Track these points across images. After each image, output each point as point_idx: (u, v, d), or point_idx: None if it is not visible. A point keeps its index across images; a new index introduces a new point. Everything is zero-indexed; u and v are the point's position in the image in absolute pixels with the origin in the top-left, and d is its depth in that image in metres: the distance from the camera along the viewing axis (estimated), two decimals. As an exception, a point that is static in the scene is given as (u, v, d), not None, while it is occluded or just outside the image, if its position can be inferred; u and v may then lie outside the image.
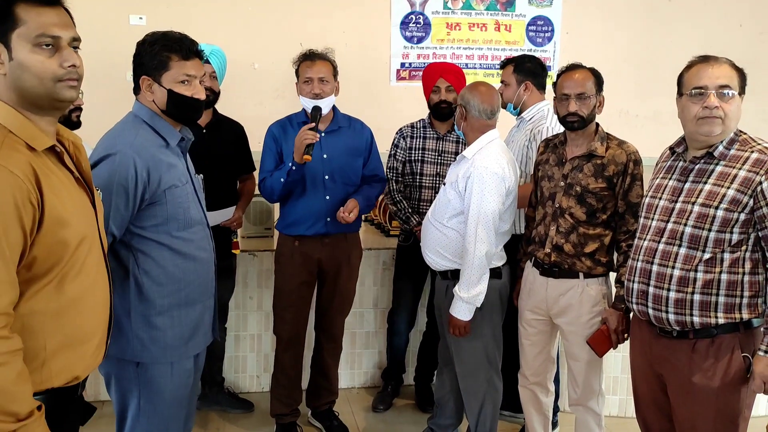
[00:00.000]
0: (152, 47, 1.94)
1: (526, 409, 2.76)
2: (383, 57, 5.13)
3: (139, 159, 1.88)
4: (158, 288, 1.95)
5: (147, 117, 1.99)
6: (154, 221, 1.93)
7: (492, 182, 2.47)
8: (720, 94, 1.96)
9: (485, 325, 2.63)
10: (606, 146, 2.46)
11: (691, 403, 2.06)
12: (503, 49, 5.81)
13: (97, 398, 3.36)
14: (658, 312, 2.06)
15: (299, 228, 2.92)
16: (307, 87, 2.82)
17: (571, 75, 2.47)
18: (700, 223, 1.98)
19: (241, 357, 3.56)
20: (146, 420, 1.99)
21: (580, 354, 2.53)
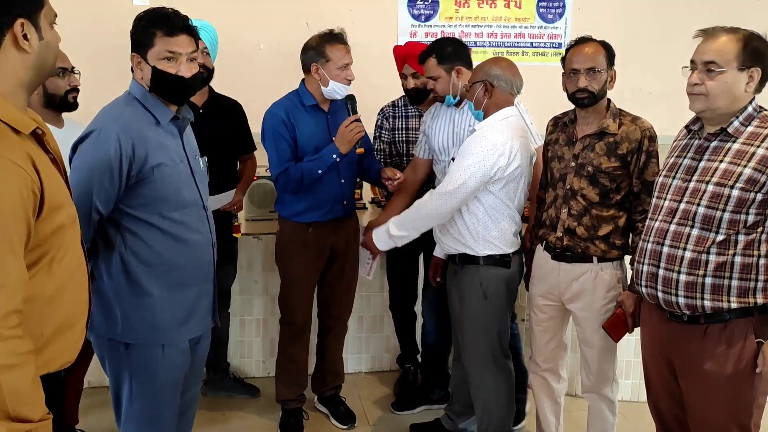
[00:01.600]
0: (139, 23, 1.91)
1: (537, 396, 2.69)
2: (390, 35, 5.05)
3: (124, 135, 1.83)
4: (146, 269, 1.91)
5: (139, 95, 1.95)
6: (143, 200, 1.88)
7: (482, 150, 2.38)
8: (706, 70, 1.89)
9: (490, 315, 2.55)
10: (619, 123, 2.36)
11: (702, 390, 1.99)
12: (513, 26, 5.70)
13: (101, 384, 3.34)
14: (668, 295, 1.98)
15: (315, 214, 2.83)
16: (344, 72, 2.69)
17: (581, 49, 2.37)
18: (714, 203, 1.89)
19: (246, 342, 3.52)
20: (139, 402, 1.96)
21: (593, 340, 2.46)
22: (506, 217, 2.50)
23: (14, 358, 1.26)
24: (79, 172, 1.82)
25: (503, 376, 2.63)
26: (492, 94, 2.49)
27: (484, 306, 2.52)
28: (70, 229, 1.45)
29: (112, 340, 1.93)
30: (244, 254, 3.36)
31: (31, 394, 1.29)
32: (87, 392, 2.99)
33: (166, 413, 2.03)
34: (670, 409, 2.16)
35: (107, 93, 2.56)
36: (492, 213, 2.49)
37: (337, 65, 2.69)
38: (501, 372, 2.62)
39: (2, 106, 1.33)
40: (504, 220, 2.50)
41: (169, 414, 2.04)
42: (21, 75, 1.37)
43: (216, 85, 3.13)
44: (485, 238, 2.51)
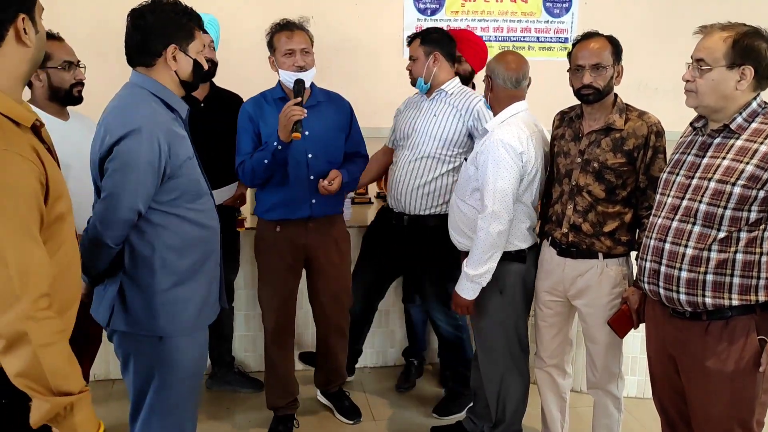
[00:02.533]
0: (179, 17, 1.91)
1: (542, 392, 2.69)
2: (396, 30, 5.03)
3: (161, 134, 1.84)
4: (180, 260, 1.94)
5: (155, 89, 1.93)
6: (172, 195, 1.90)
7: (506, 156, 2.34)
8: (697, 68, 1.90)
9: (505, 311, 2.54)
10: (625, 118, 2.35)
11: (704, 387, 1.99)
12: (519, 20, 5.68)
13: (107, 377, 3.36)
14: (669, 292, 1.98)
15: (281, 212, 2.74)
16: (289, 60, 2.63)
17: (586, 44, 2.35)
18: (716, 200, 1.88)
19: (251, 336, 3.52)
20: (167, 394, 1.98)
21: (599, 336, 2.45)
22: (520, 213, 2.47)
23: (50, 337, 1.34)
24: (122, 174, 1.81)
25: (518, 372, 2.62)
26: (492, 89, 2.48)
27: (501, 301, 2.51)
28: (68, 217, 1.49)
29: (142, 335, 1.93)
30: (248, 249, 3.35)
31: (69, 369, 1.37)
32: (92, 385, 3.00)
33: (189, 402, 2.06)
34: (674, 405, 2.16)
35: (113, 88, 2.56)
36: (521, 211, 2.47)
37: (282, 52, 2.65)
38: (516, 368, 2.61)
39: (4, 101, 1.36)
40: (517, 216, 2.46)
41: (193, 402, 2.09)
42: (21, 69, 1.41)
43: (219, 78, 3.13)
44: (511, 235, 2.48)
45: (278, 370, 2.94)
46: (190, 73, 1.97)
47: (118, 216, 1.82)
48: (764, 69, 1.87)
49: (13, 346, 1.31)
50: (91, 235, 1.84)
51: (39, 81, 2.42)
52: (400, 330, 3.62)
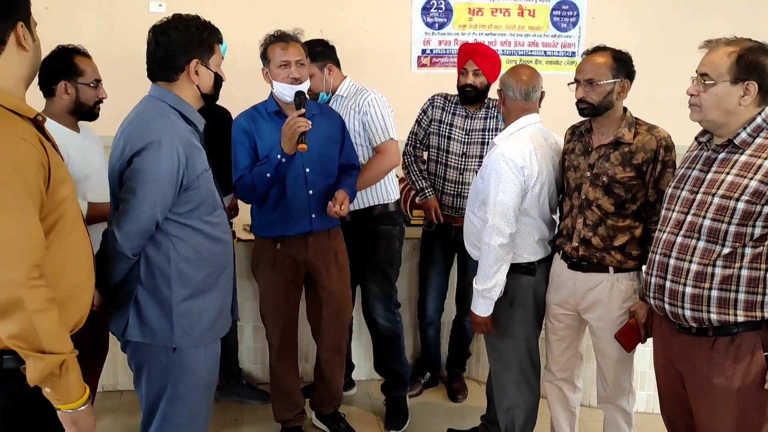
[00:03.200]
0: (200, 32, 1.97)
1: (552, 406, 2.69)
2: (404, 43, 5.06)
3: (180, 146, 1.88)
4: (196, 272, 1.96)
5: (174, 103, 1.97)
6: (189, 206, 1.93)
7: (507, 170, 2.36)
8: (701, 82, 1.92)
9: (516, 324, 2.54)
10: (634, 132, 2.36)
11: (710, 403, 1.98)
12: (526, 34, 5.71)
13: (115, 388, 3.36)
14: (674, 307, 1.98)
15: (281, 228, 2.72)
16: (284, 71, 2.60)
17: (587, 59, 2.38)
18: (720, 216, 1.88)
19: (260, 348, 3.53)
20: (180, 405, 1.99)
21: (609, 351, 2.45)
22: (527, 226, 2.48)
23: (42, 304, 1.44)
24: (142, 185, 1.84)
25: (528, 385, 2.62)
26: (504, 102, 2.51)
27: (511, 314, 2.51)
28: (74, 203, 1.61)
29: (157, 346, 1.95)
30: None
31: (59, 333, 1.48)
32: (101, 396, 3.01)
33: (202, 413, 2.08)
34: (683, 421, 2.15)
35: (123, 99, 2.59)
36: (530, 225, 2.49)
37: (276, 64, 2.62)
38: (526, 382, 2.61)
39: (7, 97, 1.51)
40: (524, 229, 2.47)
41: (205, 414, 2.10)
42: (22, 70, 1.56)
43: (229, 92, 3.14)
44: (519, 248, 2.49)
45: (283, 385, 2.94)
46: (212, 86, 2.02)
47: (138, 227, 1.85)
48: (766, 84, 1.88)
49: (7, 311, 1.41)
50: (110, 245, 1.86)
51: (67, 94, 2.46)
52: (408, 343, 3.61)
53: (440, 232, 3.33)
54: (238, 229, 3.44)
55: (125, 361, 3.30)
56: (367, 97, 3.03)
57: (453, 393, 3.46)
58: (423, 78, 4.98)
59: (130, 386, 3.36)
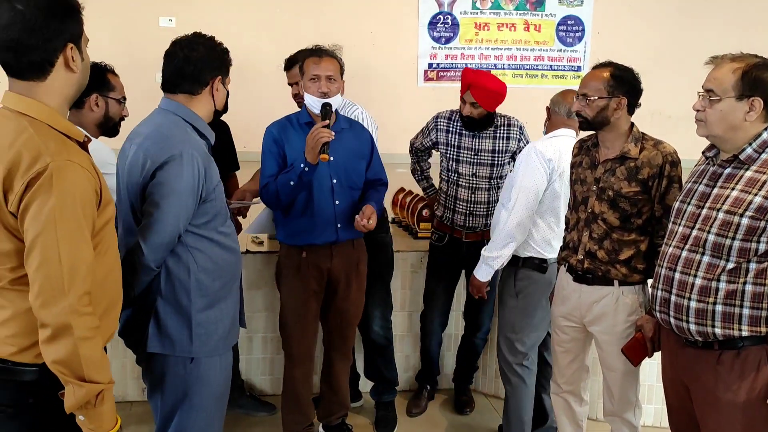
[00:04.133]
0: (223, 52, 2.07)
1: (558, 418, 2.70)
2: (411, 58, 5.11)
3: (199, 158, 1.93)
4: (213, 282, 2.01)
5: (188, 117, 2.03)
6: (206, 218, 1.98)
7: (536, 160, 2.62)
8: (707, 98, 1.94)
9: (516, 315, 2.77)
10: (640, 147, 2.38)
11: (716, 417, 1.98)
12: (533, 49, 5.74)
13: (124, 399, 3.38)
14: (680, 321, 2.00)
15: (308, 237, 2.75)
16: (315, 85, 2.67)
17: (588, 74, 2.43)
18: (724, 231, 1.90)
19: (268, 359, 3.55)
20: (197, 415, 2.03)
21: (615, 364, 2.46)
22: (549, 224, 2.71)
23: (89, 332, 1.48)
24: (166, 199, 1.88)
25: (522, 381, 2.79)
26: (550, 117, 2.84)
27: (515, 305, 2.70)
28: (112, 223, 1.65)
29: (175, 358, 1.99)
30: (267, 272, 3.40)
31: (101, 362, 1.52)
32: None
33: (216, 423, 2.11)
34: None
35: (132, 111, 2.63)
36: (541, 218, 2.71)
37: (308, 77, 2.70)
38: (520, 376, 2.80)
39: (60, 120, 1.54)
40: (548, 227, 2.71)
41: (219, 423, 2.13)
42: (68, 91, 1.57)
43: (236, 103, 3.18)
44: (527, 241, 2.73)
45: (297, 395, 2.95)
46: (224, 103, 2.10)
47: (162, 239, 1.89)
48: None
49: (57, 336, 1.45)
50: (135, 258, 1.90)
51: (97, 107, 2.48)
52: (414, 355, 3.63)
53: (449, 248, 3.32)
54: (246, 241, 3.47)
55: (134, 373, 3.38)
56: (354, 110, 3.08)
57: (461, 406, 3.46)
58: (429, 92, 5.01)
59: (139, 397, 3.41)
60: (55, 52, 1.50)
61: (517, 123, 3.24)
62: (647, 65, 4.76)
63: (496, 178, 3.23)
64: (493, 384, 3.63)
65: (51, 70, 1.51)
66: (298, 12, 4.59)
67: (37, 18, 1.46)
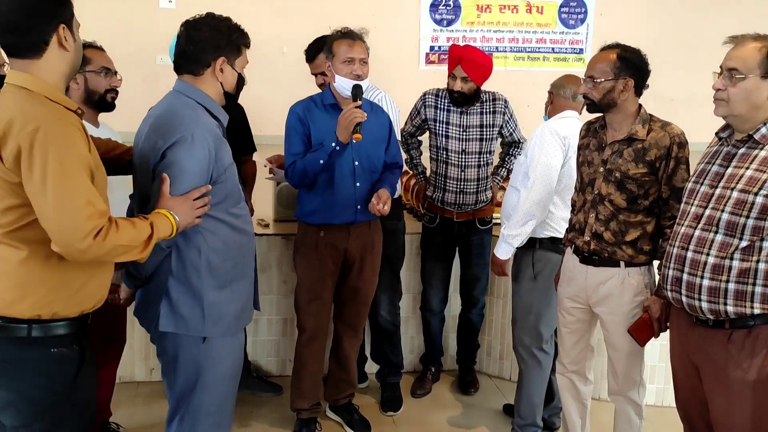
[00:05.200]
0: (230, 32, 2.03)
1: (563, 397, 2.73)
2: (412, 40, 5.10)
3: (210, 139, 1.93)
4: (223, 263, 2.02)
5: (201, 99, 2.02)
6: (217, 199, 1.98)
7: (551, 138, 2.69)
8: (728, 76, 1.93)
9: (534, 296, 2.80)
10: (648, 129, 2.38)
11: (726, 396, 2.01)
12: (534, 31, 5.71)
13: (132, 379, 3.40)
14: (691, 300, 2.02)
15: (326, 216, 2.81)
16: (348, 67, 2.71)
17: (595, 56, 2.44)
18: (738, 210, 1.92)
19: (273, 341, 3.57)
20: (208, 395, 2.05)
21: (620, 344, 2.48)
22: (567, 203, 2.72)
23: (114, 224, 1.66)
24: (177, 178, 1.88)
25: (537, 361, 2.82)
26: (552, 101, 2.89)
27: (533, 287, 2.74)
28: (103, 189, 1.75)
29: (189, 337, 2.01)
30: (273, 254, 3.41)
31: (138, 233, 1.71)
32: (118, 387, 3.04)
33: (229, 402, 2.14)
34: (699, 413, 2.17)
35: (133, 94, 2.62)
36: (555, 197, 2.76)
37: (341, 60, 2.72)
38: (536, 357, 2.82)
39: (55, 92, 1.69)
40: (565, 205, 2.74)
41: (231, 403, 2.16)
42: (62, 69, 1.71)
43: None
44: (546, 221, 2.78)
45: (308, 372, 2.99)
46: (234, 85, 2.07)
47: None
48: None
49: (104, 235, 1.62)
50: None
51: (76, 84, 2.51)
52: (418, 337, 3.66)
53: (441, 228, 3.36)
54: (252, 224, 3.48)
55: (141, 353, 3.40)
56: (377, 94, 3.10)
57: (465, 386, 3.50)
58: (431, 75, 5.00)
59: (146, 377, 3.44)
60: (48, 32, 1.65)
61: (502, 97, 3.32)
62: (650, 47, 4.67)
63: (486, 153, 3.29)
64: (497, 365, 3.67)
65: (46, 49, 1.66)
66: (301, -6, 4.58)
67: (32, 2, 1.63)
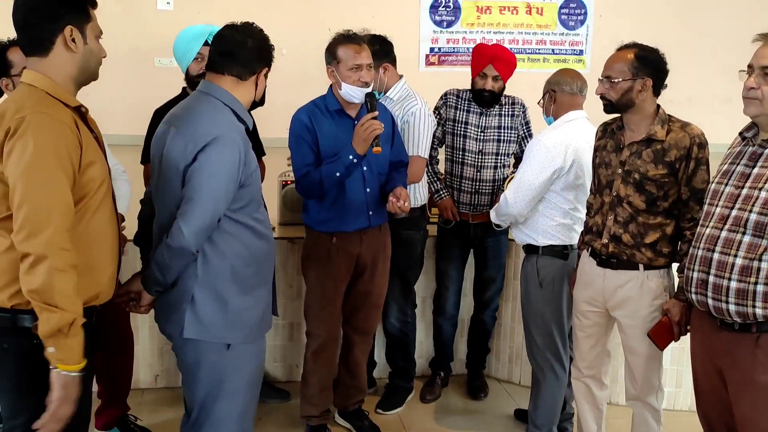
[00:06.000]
0: (271, 46, 2.10)
1: (578, 402, 2.70)
2: (412, 42, 5.08)
3: (240, 141, 1.92)
4: (246, 269, 1.99)
5: (229, 101, 2.01)
6: (242, 203, 1.96)
7: (538, 153, 2.60)
8: (762, 74, 1.91)
9: (544, 304, 2.74)
10: (667, 129, 2.36)
11: (752, 401, 1.98)
12: (534, 33, 5.71)
13: (137, 386, 3.34)
14: (718, 302, 1.98)
15: (339, 224, 2.76)
16: (355, 74, 2.61)
17: (612, 56, 2.41)
18: (767, 210, 1.90)
19: (279, 346, 3.52)
20: (231, 403, 2.01)
21: (639, 348, 2.45)
22: (566, 212, 2.68)
23: (64, 266, 1.59)
24: (209, 181, 1.86)
25: (552, 369, 2.76)
26: (555, 99, 2.70)
27: (540, 295, 2.68)
28: (103, 185, 1.76)
29: (211, 344, 1.97)
30: (278, 257, 3.36)
31: (73, 296, 1.61)
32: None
33: (250, 409, 2.11)
34: (720, 418, 2.15)
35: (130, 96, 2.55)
36: (553, 207, 2.69)
37: (347, 66, 2.61)
38: (551, 365, 2.77)
39: (54, 87, 1.71)
40: (565, 215, 2.68)
41: (253, 409, 2.13)
42: (70, 69, 1.74)
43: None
44: (545, 229, 2.71)
45: (318, 380, 2.94)
46: (262, 92, 2.10)
47: (204, 222, 1.87)
48: None
49: (34, 265, 1.56)
50: (175, 242, 1.86)
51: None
52: (426, 341, 3.62)
53: (457, 230, 3.35)
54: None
55: (146, 360, 3.34)
56: (413, 105, 3.03)
57: (475, 391, 3.47)
58: (431, 76, 4.99)
59: (151, 385, 3.38)
60: (53, 31, 1.69)
61: (520, 101, 3.34)
62: (651, 48, 4.77)
63: (503, 155, 3.29)
64: (506, 369, 3.64)
65: (51, 48, 1.70)
66: (300, -4, 4.56)
67: (40, 3, 1.69)
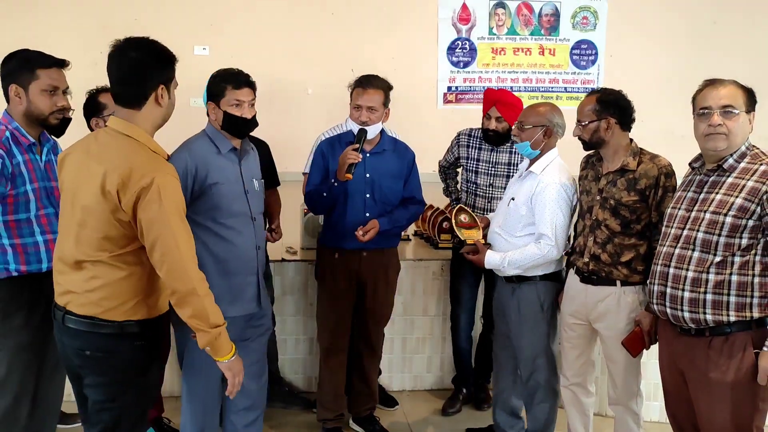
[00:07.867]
0: (215, 80, 2.62)
1: (567, 409, 2.95)
2: (431, 81, 5.28)
3: (190, 158, 2.51)
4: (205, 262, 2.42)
5: (210, 131, 2.65)
6: (203, 208, 2.52)
7: (566, 195, 2.78)
8: (724, 113, 2.19)
9: (546, 325, 2.88)
10: (638, 161, 2.65)
11: (708, 397, 2.25)
12: (547, 72, 5.93)
13: (172, 394, 3.63)
14: (675, 311, 2.26)
15: (340, 241, 3.12)
16: (356, 113, 3.04)
17: (580, 103, 2.76)
18: (711, 229, 2.19)
19: (300, 359, 3.82)
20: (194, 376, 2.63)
21: (617, 357, 2.71)
22: None
23: (206, 291, 2.00)
24: None
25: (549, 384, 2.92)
26: (550, 138, 2.85)
27: (543, 316, 2.86)
28: None
29: None
30: (298, 278, 3.72)
31: (218, 310, 2.03)
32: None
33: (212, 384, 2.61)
34: (686, 416, 2.41)
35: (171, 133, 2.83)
36: None
37: (353, 104, 3.08)
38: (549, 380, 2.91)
39: (152, 142, 2.05)
40: None
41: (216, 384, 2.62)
42: (156, 121, 2.08)
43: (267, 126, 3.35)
44: None
45: (330, 384, 3.26)
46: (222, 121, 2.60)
47: None
48: None
49: (187, 298, 1.96)
50: None
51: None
52: (435, 356, 3.89)
53: None
54: (281, 251, 3.79)
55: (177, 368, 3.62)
56: None
57: (479, 402, 3.71)
58: (449, 113, 5.21)
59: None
60: (150, 89, 2.01)
61: None
62: (659, 86, 4.96)
63: None
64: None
65: (145, 103, 2.02)
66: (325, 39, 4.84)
67: (143, 63, 2.00)
